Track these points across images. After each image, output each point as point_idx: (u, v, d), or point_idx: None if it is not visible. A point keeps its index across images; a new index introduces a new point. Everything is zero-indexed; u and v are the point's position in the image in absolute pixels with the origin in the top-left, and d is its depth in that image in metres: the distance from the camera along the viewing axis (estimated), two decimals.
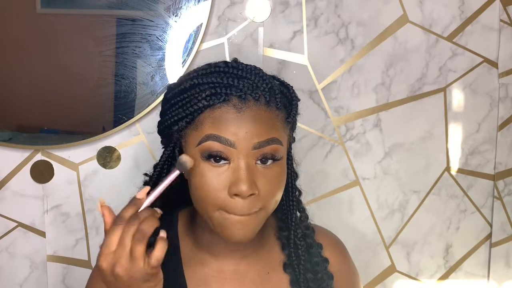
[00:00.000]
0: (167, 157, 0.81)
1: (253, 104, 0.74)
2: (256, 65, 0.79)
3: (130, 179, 1.22)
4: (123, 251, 0.67)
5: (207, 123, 0.74)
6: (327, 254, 0.89)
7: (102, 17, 1.18)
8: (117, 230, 0.68)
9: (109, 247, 0.68)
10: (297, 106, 0.82)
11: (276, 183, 0.76)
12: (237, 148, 0.73)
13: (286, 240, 0.87)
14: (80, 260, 1.25)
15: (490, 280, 1.39)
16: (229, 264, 0.84)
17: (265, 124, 0.75)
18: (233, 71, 0.77)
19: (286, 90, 0.81)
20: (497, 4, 1.29)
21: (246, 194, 0.72)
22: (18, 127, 1.21)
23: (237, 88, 0.74)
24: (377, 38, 1.27)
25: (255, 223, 0.76)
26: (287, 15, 1.23)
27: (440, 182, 1.34)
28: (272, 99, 0.76)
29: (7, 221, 1.22)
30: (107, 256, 0.68)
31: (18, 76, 1.20)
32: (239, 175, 0.73)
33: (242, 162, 0.73)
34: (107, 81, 1.19)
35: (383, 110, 1.30)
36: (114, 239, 0.68)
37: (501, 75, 1.32)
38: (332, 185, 1.31)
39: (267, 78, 0.77)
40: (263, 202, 0.75)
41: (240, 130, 0.73)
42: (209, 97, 0.74)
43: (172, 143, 0.80)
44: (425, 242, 1.36)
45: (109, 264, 0.68)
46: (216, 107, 0.74)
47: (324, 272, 0.87)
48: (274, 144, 0.75)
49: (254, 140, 0.73)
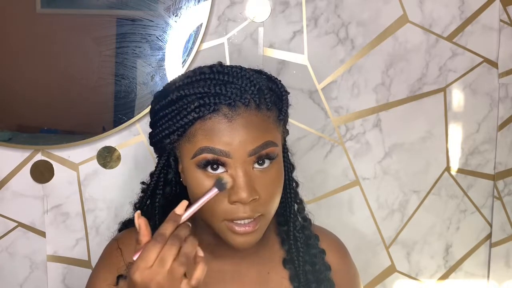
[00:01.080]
0: (162, 167, 0.81)
1: (243, 110, 0.74)
2: (241, 66, 0.79)
3: (130, 179, 1.22)
4: (162, 270, 0.66)
5: (200, 135, 0.74)
6: (328, 255, 0.90)
7: (102, 17, 1.18)
8: (157, 247, 0.67)
9: (146, 262, 0.66)
10: (287, 100, 0.81)
11: (275, 184, 0.77)
12: (233, 157, 0.73)
13: (286, 235, 0.87)
14: (80, 260, 1.25)
15: (490, 280, 1.39)
16: (230, 264, 0.84)
17: (258, 129, 0.74)
18: (219, 77, 0.75)
19: (275, 85, 0.80)
20: (497, 4, 1.29)
21: (247, 201, 0.72)
22: (18, 127, 1.21)
23: (225, 96, 0.73)
24: (377, 38, 1.27)
25: (259, 229, 0.76)
26: (287, 15, 1.23)
27: (440, 182, 1.34)
28: (262, 100, 0.75)
29: (7, 221, 1.22)
30: (143, 271, 0.66)
31: (18, 76, 1.20)
32: (238, 183, 0.73)
33: (240, 170, 0.73)
34: (107, 81, 1.19)
35: (383, 110, 1.30)
36: (152, 255, 0.67)
37: (501, 75, 1.32)
38: (332, 185, 1.31)
39: (254, 78, 0.76)
40: (264, 206, 0.75)
41: (233, 140, 0.73)
42: (198, 108, 0.73)
43: (166, 153, 0.80)
44: (425, 242, 1.36)
45: (145, 279, 0.66)
46: (207, 118, 0.74)
47: (321, 263, 0.87)
48: (269, 147, 0.75)
49: (248, 148, 0.73)
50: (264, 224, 0.77)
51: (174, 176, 0.81)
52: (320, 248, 0.89)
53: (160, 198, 0.82)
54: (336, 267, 0.90)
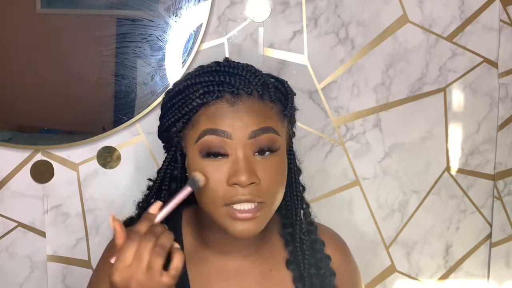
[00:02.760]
0: (169, 162, 0.83)
1: (246, 98, 0.76)
2: (250, 64, 0.80)
3: (130, 179, 1.22)
4: (140, 266, 0.66)
5: (203, 120, 0.76)
6: (329, 252, 0.90)
7: (102, 17, 1.19)
8: (133, 245, 0.67)
9: (124, 261, 0.67)
10: (293, 100, 0.83)
11: (275, 173, 0.77)
12: (234, 139, 0.74)
13: (290, 237, 0.87)
14: (80, 260, 1.25)
15: (490, 280, 1.39)
16: (232, 262, 0.84)
17: (260, 114, 0.76)
18: (225, 69, 0.78)
19: (281, 85, 0.82)
20: (497, 4, 1.29)
21: (246, 184, 0.73)
22: (18, 127, 1.21)
23: (229, 84, 0.76)
24: (377, 38, 1.27)
25: (260, 218, 0.76)
26: (287, 15, 1.23)
27: (440, 182, 1.34)
28: (266, 92, 0.78)
29: (7, 221, 1.22)
30: (122, 270, 0.66)
31: (18, 76, 1.20)
32: (237, 166, 0.74)
33: (240, 153, 0.75)
34: (107, 81, 1.19)
35: (383, 110, 1.30)
36: (129, 254, 0.67)
37: (501, 75, 1.32)
38: (332, 185, 1.31)
39: (260, 73, 0.79)
40: (264, 192, 0.75)
41: (235, 121, 0.75)
42: (203, 95, 0.76)
43: (173, 146, 0.81)
44: (425, 242, 1.36)
45: (124, 278, 0.66)
46: (210, 104, 0.76)
47: (326, 268, 0.88)
48: (269, 133, 0.76)
49: (249, 129, 0.75)
50: (265, 213, 0.77)
51: (180, 172, 0.82)
52: (326, 254, 0.89)
53: (165, 194, 0.83)
54: (337, 265, 0.90)
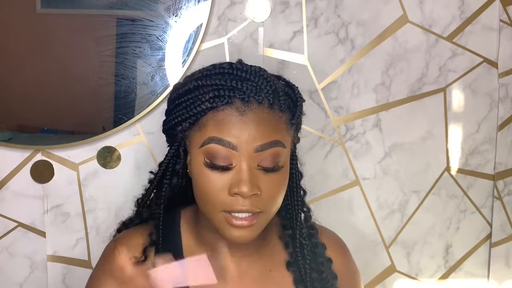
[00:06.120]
0: (172, 156, 0.82)
1: (256, 106, 0.75)
2: (260, 66, 0.79)
3: (130, 179, 1.22)
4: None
5: (210, 125, 0.75)
6: (330, 254, 0.90)
7: (102, 17, 1.18)
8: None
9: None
10: (301, 107, 0.82)
11: (278, 187, 0.77)
12: (239, 150, 0.74)
13: (290, 239, 0.87)
14: (80, 260, 1.25)
15: (490, 280, 1.39)
16: (231, 262, 0.84)
17: (268, 126, 0.75)
18: (237, 73, 0.77)
19: (291, 91, 0.81)
20: (497, 4, 1.29)
21: (247, 195, 0.73)
22: (18, 127, 1.21)
23: (240, 90, 0.74)
24: (377, 38, 1.27)
25: (256, 226, 0.76)
26: (287, 15, 1.23)
27: (440, 182, 1.34)
28: (276, 101, 0.76)
29: (7, 221, 1.22)
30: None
31: (18, 76, 1.20)
32: (240, 177, 0.73)
33: (244, 164, 0.74)
34: (107, 81, 1.19)
35: (383, 110, 1.30)
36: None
37: (501, 75, 1.32)
38: (332, 185, 1.31)
39: (271, 80, 0.77)
40: (265, 203, 0.75)
41: (242, 133, 0.74)
42: (213, 99, 0.75)
43: (177, 142, 0.81)
44: (425, 242, 1.36)
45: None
46: (219, 109, 0.75)
47: (328, 272, 0.88)
48: (276, 146, 0.75)
49: (256, 143, 0.74)
50: (261, 221, 0.77)
51: (182, 167, 0.82)
52: (327, 257, 0.89)
53: (166, 188, 0.83)
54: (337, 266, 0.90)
